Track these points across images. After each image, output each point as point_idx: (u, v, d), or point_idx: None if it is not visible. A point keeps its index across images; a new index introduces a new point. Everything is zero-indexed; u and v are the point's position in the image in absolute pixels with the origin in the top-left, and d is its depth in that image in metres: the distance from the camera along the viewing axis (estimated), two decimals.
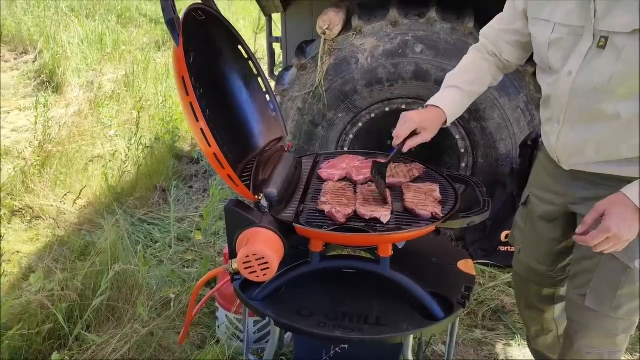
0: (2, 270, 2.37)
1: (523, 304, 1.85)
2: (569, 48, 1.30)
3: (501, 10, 1.61)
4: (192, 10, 1.36)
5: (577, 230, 1.28)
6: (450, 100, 1.50)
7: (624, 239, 1.21)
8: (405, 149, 1.43)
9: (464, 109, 1.56)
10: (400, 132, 1.42)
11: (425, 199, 1.40)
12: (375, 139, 2.94)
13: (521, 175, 1.75)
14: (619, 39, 1.20)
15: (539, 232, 1.62)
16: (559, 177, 1.49)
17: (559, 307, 1.77)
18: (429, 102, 1.50)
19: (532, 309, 1.80)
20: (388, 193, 1.44)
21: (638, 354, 2.23)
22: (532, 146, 1.71)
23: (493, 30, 1.54)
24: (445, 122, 1.49)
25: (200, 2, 1.46)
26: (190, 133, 4.20)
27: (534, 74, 2.46)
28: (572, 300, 1.51)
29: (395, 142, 1.43)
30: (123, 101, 4.90)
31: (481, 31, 1.59)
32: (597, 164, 1.36)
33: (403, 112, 1.47)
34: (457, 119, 2.52)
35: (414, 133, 1.43)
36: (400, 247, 1.49)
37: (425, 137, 1.45)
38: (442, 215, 1.33)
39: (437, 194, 1.44)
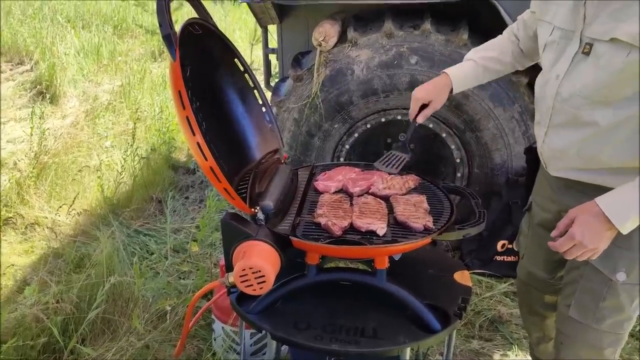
0: None
1: (526, 309, 1.85)
2: (560, 51, 1.33)
3: (494, 22, 1.66)
4: (188, 25, 1.37)
5: (551, 234, 1.28)
6: (461, 70, 1.63)
7: (589, 247, 1.21)
8: (420, 120, 1.64)
9: (478, 81, 1.66)
10: (411, 110, 1.64)
11: (415, 210, 1.40)
12: (371, 149, 2.95)
13: (527, 180, 1.76)
14: (600, 46, 1.22)
15: (539, 240, 1.62)
16: (554, 184, 1.49)
17: None
18: (443, 70, 1.64)
19: (535, 315, 1.80)
20: (383, 205, 1.45)
21: None
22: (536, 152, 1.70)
23: (521, 17, 1.62)
24: (452, 90, 1.62)
25: (197, 16, 1.47)
26: (187, 144, 4.20)
27: (529, 84, 2.49)
28: (559, 310, 1.52)
29: (411, 120, 1.64)
30: (119, 112, 4.90)
31: (520, 15, 1.65)
32: (580, 171, 1.36)
33: (413, 90, 1.64)
34: (452, 130, 2.58)
35: (424, 106, 1.62)
36: (396, 259, 1.49)
37: (435, 106, 1.62)
38: (433, 226, 1.34)
39: (426, 205, 1.44)
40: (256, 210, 1.32)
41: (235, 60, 1.63)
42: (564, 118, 1.34)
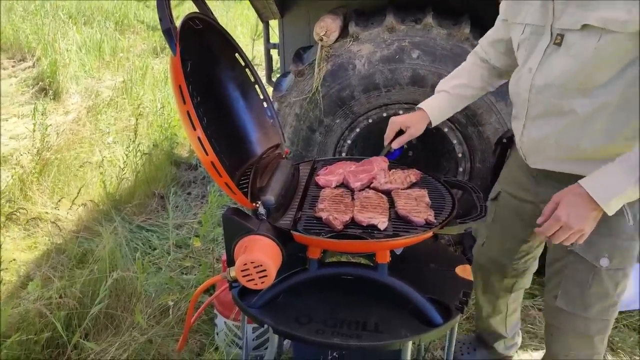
0: (0, 279, 2.37)
1: (480, 290, 1.95)
2: (532, 46, 1.38)
3: (496, 16, 1.67)
4: (189, 20, 1.36)
5: (537, 221, 1.30)
6: (436, 104, 1.67)
7: (575, 229, 1.22)
8: (395, 146, 1.66)
9: (454, 110, 1.71)
10: (387, 134, 1.67)
11: (416, 204, 1.40)
12: (372, 145, 2.94)
13: (494, 171, 1.82)
14: (571, 36, 1.27)
15: (507, 228, 1.68)
16: (531, 176, 1.54)
17: (514, 295, 1.90)
18: (419, 105, 1.69)
19: (489, 294, 1.91)
20: (385, 199, 1.45)
21: (638, 357, 2.23)
22: (506, 143, 1.76)
23: (486, 38, 1.67)
24: (430, 123, 1.67)
25: (197, 11, 1.47)
26: (188, 139, 4.22)
27: None
28: (547, 303, 1.55)
29: (386, 143, 1.68)
30: (121, 108, 4.91)
31: (480, 39, 1.71)
32: (560, 162, 1.40)
33: (391, 117, 1.69)
34: (454, 124, 2.58)
35: (401, 132, 1.65)
36: (398, 254, 1.49)
37: (412, 133, 1.65)
38: (435, 220, 1.34)
39: (427, 199, 1.44)
40: (257, 205, 1.32)
41: (237, 55, 1.63)
42: (541, 109, 1.38)
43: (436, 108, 1.66)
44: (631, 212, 1.33)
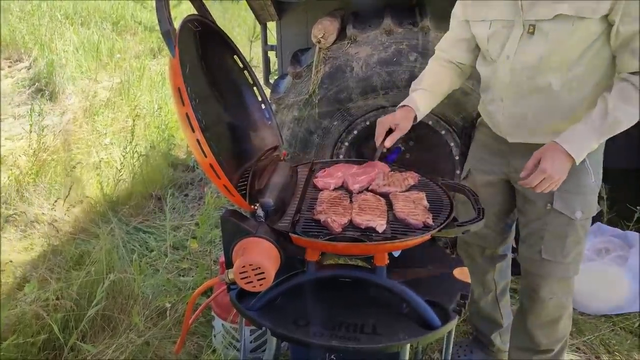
0: None
1: (469, 270, 2.00)
2: (504, 38, 1.59)
3: None
4: (187, 22, 1.36)
5: (521, 175, 1.53)
6: (417, 100, 1.79)
7: (556, 177, 1.47)
8: (387, 144, 1.70)
9: (433, 105, 1.85)
10: (377, 134, 1.72)
11: (414, 207, 1.40)
12: (370, 147, 2.95)
13: (464, 156, 2.02)
14: (544, 25, 1.49)
15: (483, 199, 1.80)
16: (499, 152, 1.79)
17: (497, 267, 2.05)
18: (400, 104, 1.79)
19: (476, 273, 2.01)
20: (383, 202, 1.45)
21: None
22: (469, 128, 1.99)
23: (445, 43, 1.85)
24: (416, 117, 1.77)
25: (196, 13, 1.47)
26: (186, 141, 4.21)
27: None
28: (529, 258, 1.79)
29: (378, 144, 1.72)
30: (118, 109, 4.90)
31: (436, 47, 1.88)
32: (535, 135, 1.62)
33: (378, 119, 1.75)
34: (451, 127, 2.58)
35: (390, 131, 1.71)
36: (396, 256, 1.49)
37: (402, 129, 1.72)
38: (432, 223, 1.34)
39: (425, 202, 1.45)
40: (256, 207, 1.32)
41: (235, 57, 1.63)
42: (520, 89, 1.59)
43: (419, 104, 1.78)
44: (593, 171, 1.64)
